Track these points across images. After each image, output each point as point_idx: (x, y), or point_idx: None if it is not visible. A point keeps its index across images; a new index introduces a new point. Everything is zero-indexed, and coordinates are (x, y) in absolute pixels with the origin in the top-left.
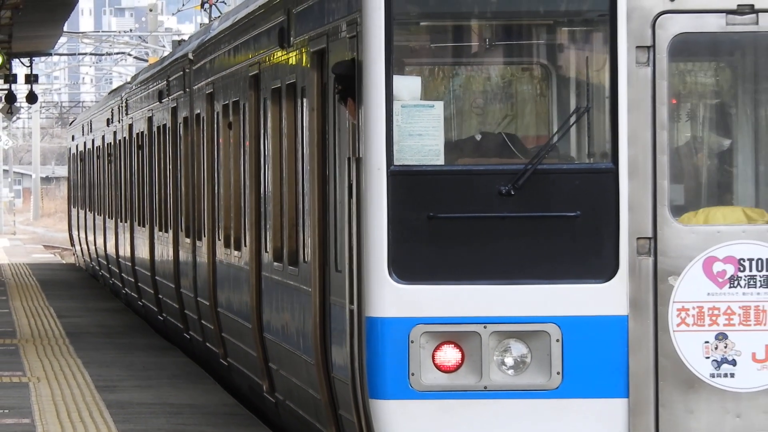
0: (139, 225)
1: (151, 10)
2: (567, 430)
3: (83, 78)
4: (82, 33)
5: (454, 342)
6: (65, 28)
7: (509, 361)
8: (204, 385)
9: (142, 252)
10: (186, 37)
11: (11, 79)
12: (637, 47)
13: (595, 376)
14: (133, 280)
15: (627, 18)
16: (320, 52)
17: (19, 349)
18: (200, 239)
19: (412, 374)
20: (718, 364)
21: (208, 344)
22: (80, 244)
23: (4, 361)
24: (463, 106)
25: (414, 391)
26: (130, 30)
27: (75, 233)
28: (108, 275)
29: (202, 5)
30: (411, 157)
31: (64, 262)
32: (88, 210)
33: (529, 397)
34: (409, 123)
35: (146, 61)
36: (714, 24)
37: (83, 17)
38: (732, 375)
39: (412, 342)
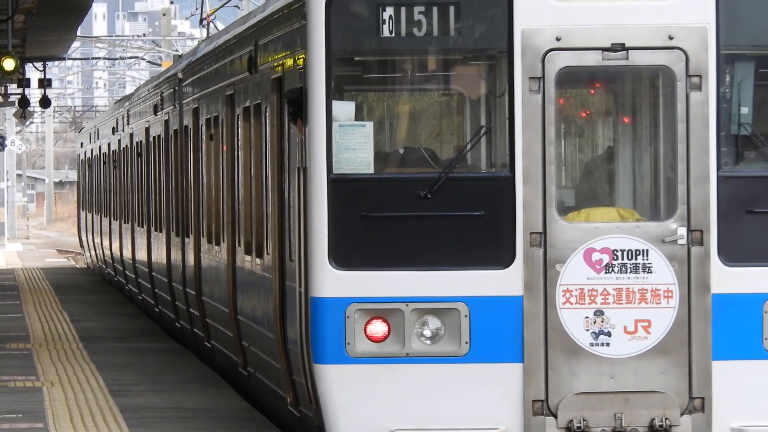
0: (138, 226)
1: (164, 15)
2: (474, 390)
3: (96, 82)
4: (96, 37)
5: (382, 317)
6: (78, 33)
7: (427, 332)
8: (218, 390)
9: (128, 247)
10: (197, 41)
11: (25, 83)
12: (530, 78)
13: (496, 345)
14: (121, 268)
15: (522, 54)
16: (278, 79)
17: (32, 354)
18: (188, 237)
19: (348, 343)
20: (596, 335)
21: (195, 330)
22: (88, 246)
23: (17, 365)
24: (388, 125)
25: (349, 357)
26: (144, 34)
27: (84, 236)
28: (104, 266)
29: (200, 22)
30: (347, 167)
31: (77, 266)
32: (95, 213)
33: (442, 362)
34: (345, 139)
35: (159, 65)
36: (592, 59)
37: (96, 22)
38: (607, 344)
39: (348, 317)
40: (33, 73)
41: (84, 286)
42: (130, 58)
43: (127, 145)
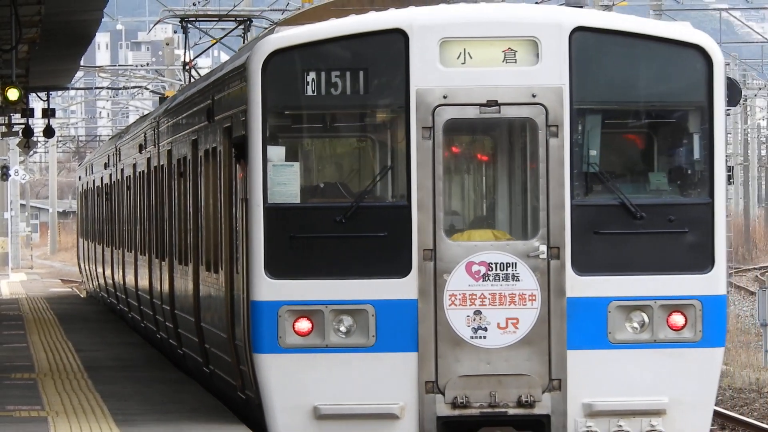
0: (127, 251)
1: (167, 44)
2: (379, 373)
3: (100, 112)
4: (99, 67)
5: (306, 316)
6: (82, 63)
7: (342, 329)
8: (223, 420)
9: (119, 270)
10: (200, 68)
11: (28, 113)
12: (423, 127)
13: (396, 338)
14: (113, 290)
15: (416, 109)
16: (228, 128)
17: (37, 383)
18: (164, 259)
19: (280, 337)
20: (476, 330)
21: (171, 340)
22: (85, 273)
23: (22, 395)
24: (312, 165)
25: (281, 348)
26: (147, 64)
27: (82, 264)
28: (98, 289)
29: (183, 66)
30: (278, 198)
31: (81, 295)
32: (90, 241)
33: (354, 352)
34: (277, 176)
35: (163, 95)
36: (472, 113)
37: (100, 51)
38: (484, 337)
39: (280, 316)
40: (36, 102)
41: (88, 315)
42: (134, 87)
43: (118, 179)
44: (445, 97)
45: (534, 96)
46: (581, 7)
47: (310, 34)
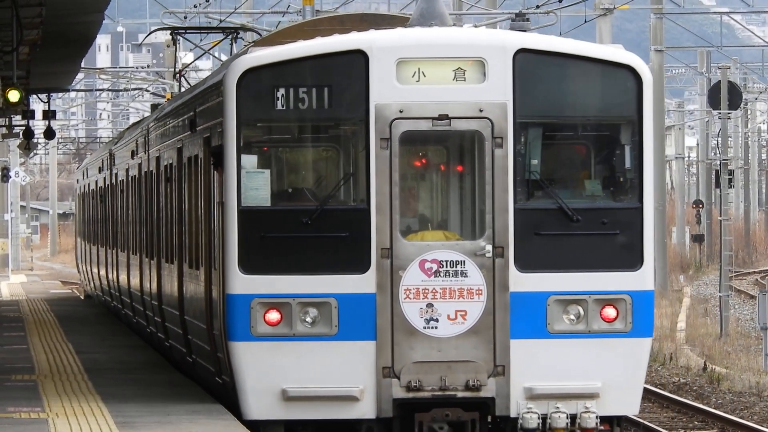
0: (120, 251)
1: (168, 46)
2: (341, 359)
3: (100, 114)
4: (99, 69)
5: (276, 308)
6: (82, 65)
7: (308, 319)
8: (224, 422)
9: (113, 269)
10: (193, 68)
11: (29, 115)
12: (381, 138)
13: (357, 328)
14: (106, 287)
15: (375, 122)
16: (208, 137)
17: (37, 385)
18: (153, 258)
19: (252, 326)
20: (428, 321)
21: (159, 333)
22: (83, 272)
23: (23, 396)
24: (282, 172)
25: (253, 336)
26: (147, 66)
27: (80, 264)
28: (93, 288)
29: (174, 76)
30: (251, 201)
31: (81, 297)
32: (86, 242)
33: (319, 340)
34: (250, 182)
35: (163, 96)
36: (425, 125)
37: (100, 53)
38: (436, 327)
39: (252, 308)
40: (37, 104)
41: (88, 317)
42: (134, 89)
43: (112, 183)
44: (401, 112)
45: (481, 111)
46: (524, 30)
47: (280, 55)
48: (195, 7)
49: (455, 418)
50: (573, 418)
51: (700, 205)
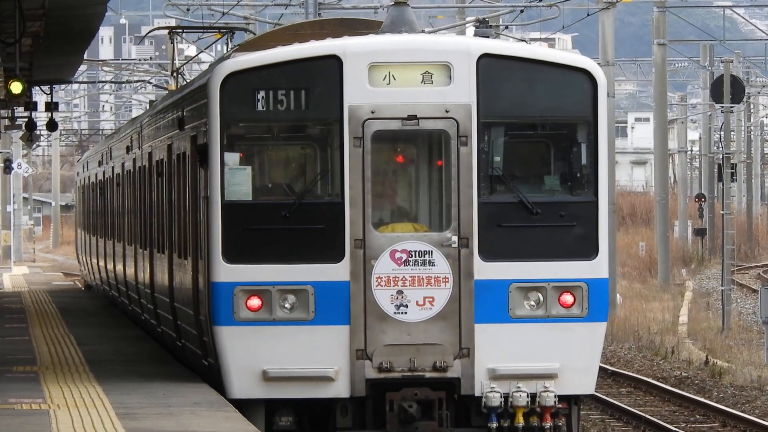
0: (117, 242)
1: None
2: (317, 342)
3: (103, 106)
4: (102, 61)
5: (257, 295)
6: (85, 56)
7: (287, 305)
8: (225, 413)
9: (110, 258)
10: (195, 61)
11: (31, 106)
12: (354, 137)
13: (332, 313)
14: (105, 276)
15: (349, 122)
16: (194, 136)
17: (39, 376)
18: (145, 248)
19: (235, 312)
20: (398, 307)
21: (151, 320)
22: (83, 263)
23: (24, 387)
24: (262, 168)
25: (236, 321)
26: (150, 58)
27: (80, 255)
28: (92, 277)
29: (171, 74)
30: (234, 196)
31: (83, 289)
32: (85, 233)
33: (297, 325)
34: (233, 178)
35: (165, 89)
36: (395, 125)
37: (103, 45)
38: (405, 313)
39: (235, 295)
40: (40, 96)
41: (89, 308)
42: (137, 81)
43: (109, 177)
44: (372, 112)
45: (447, 111)
46: (488, 37)
47: (261, 60)
48: None
49: (423, 397)
50: (533, 397)
51: (703, 199)
